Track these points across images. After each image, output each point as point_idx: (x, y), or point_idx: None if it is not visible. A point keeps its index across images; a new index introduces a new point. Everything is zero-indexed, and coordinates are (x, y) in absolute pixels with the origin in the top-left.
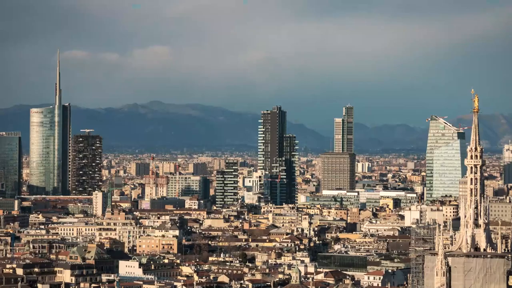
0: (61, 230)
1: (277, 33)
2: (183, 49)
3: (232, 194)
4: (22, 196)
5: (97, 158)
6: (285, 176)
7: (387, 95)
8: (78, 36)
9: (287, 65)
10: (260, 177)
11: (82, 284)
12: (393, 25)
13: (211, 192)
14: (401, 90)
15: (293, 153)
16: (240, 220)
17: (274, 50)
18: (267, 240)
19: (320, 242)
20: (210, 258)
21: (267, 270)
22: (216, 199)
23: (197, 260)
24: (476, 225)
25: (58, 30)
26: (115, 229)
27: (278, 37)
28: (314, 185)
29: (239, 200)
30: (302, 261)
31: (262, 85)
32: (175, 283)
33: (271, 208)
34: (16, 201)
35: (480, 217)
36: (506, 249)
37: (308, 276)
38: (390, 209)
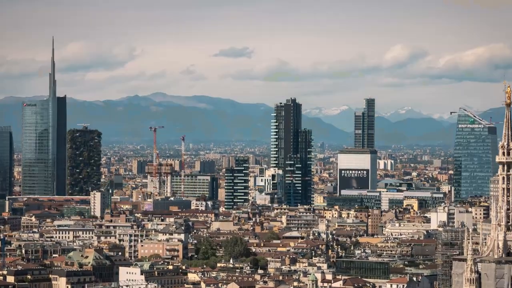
0: (56, 233)
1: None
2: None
3: (243, 194)
4: (14, 196)
5: (95, 155)
6: (300, 175)
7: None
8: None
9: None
10: (273, 175)
11: None
12: None
13: (220, 192)
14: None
15: (309, 149)
16: (251, 223)
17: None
18: (281, 245)
19: (339, 246)
20: (219, 264)
21: (281, 278)
22: (225, 200)
23: (204, 266)
24: (509, 228)
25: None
26: (115, 233)
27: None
28: (331, 185)
29: (250, 201)
30: (319, 268)
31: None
32: None
33: (285, 209)
34: (6, 202)
35: None
36: None
37: (326, 284)
38: (414, 210)
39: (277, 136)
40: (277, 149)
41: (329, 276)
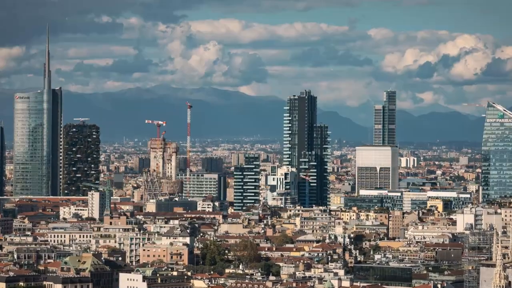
0: (50, 237)
1: None
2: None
3: (253, 194)
4: (5, 197)
5: (94, 152)
6: (315, 174)
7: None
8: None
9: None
10: (286, 174)
11: None
12: None
13: (228, 192)
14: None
15: (324, 146)
16: (262, 225)
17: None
18: (294, 249)
19: (357, 251)
20: (227, 270)
21: (294, 285)
22: (234, 201)
23: (211, 272)
24: None
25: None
26: (114, 236)
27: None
28: (349, 184)
29: (261, 202)
30: (336, 274)
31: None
32: None
33: (298, 211)
34: None
35: None
36: None
37: None
38: (439, 212)
39: (290, 132)
40: (290, 146)
41: (346, 283)
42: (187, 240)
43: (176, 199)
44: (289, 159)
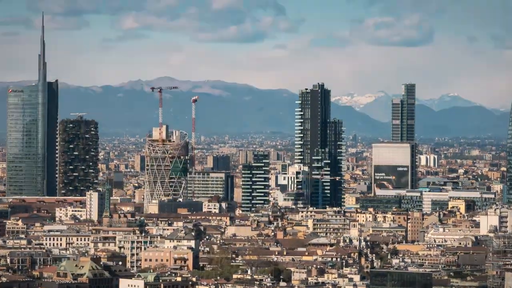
0: (46, 240)
1: None
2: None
3: (262, 194)
4: None
5: (92, 150)
6: (328, 172)
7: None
8: None
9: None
10: (297, 173)
11: None
12: None
13: (236, 192)
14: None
15: (339, 142)
16: (272, 228)
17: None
18: (306, 253)
19: (373, 255)
20: (234, 276)
21: None
22: (242, 201)
23: (218, 278)
24: None
25: None
26: (114, 239)
27: None
28: (365, 184)
29: (271, 203)
30: (351, 280)
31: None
32: None
33: (311, 212)
34: None
35: None
36: None
37: None
38: (461, 213)
39: (302, 128)
40: (302, 143)
41: None
42: (192, 243)
43: (180, 199)
44: (301, 157)
